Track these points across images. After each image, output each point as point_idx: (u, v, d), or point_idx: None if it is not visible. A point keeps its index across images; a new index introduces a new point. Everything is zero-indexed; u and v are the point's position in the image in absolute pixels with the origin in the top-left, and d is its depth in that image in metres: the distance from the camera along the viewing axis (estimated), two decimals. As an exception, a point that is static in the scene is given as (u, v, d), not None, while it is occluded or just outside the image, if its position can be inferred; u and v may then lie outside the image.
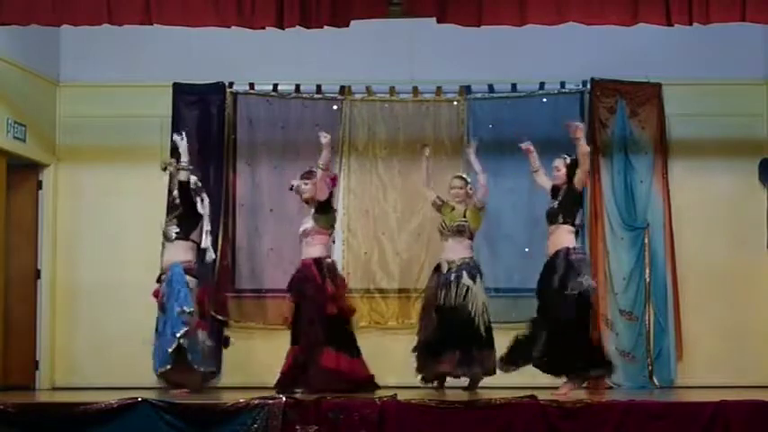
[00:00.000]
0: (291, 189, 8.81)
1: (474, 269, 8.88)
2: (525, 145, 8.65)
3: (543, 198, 8.68)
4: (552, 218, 8.35)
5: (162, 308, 8.59)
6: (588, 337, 8.31)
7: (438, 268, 8.91)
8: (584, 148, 8.25)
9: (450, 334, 8.68)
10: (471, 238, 8.94)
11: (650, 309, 9.85)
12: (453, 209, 8.93)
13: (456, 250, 8.86)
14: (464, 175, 9.12)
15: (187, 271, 8.62)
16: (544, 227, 9.49)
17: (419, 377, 8.90)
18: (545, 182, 8.57)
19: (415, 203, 9.62)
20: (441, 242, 8.96)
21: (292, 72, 10.09)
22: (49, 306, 9.92)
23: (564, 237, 8.28)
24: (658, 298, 9.85)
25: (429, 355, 8.76)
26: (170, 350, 8.41)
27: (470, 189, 8.96)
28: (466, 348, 8.70)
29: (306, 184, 8.73)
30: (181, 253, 8.70)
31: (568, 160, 8.37)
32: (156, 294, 8.66)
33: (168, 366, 8.46)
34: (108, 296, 9.80)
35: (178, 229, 8.69)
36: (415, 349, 8.90)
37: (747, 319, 9.85)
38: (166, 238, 8.70)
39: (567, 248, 8.23)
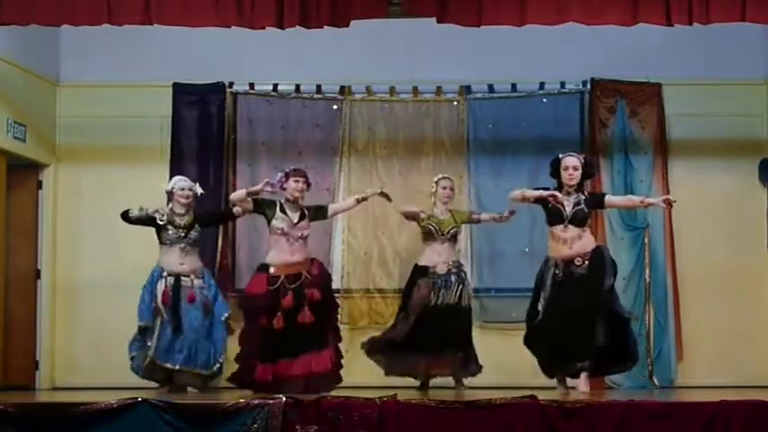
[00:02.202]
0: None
1: (464, 271, 8.96)
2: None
3: (542, 197, 8.65)
4: (583, 222, 8.11)
5: (207, 312, 8.68)
6: None
7: (425, 270, 8.80)
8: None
9: (450, 335, 8.67)
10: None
11: (650, 309, 9.86)
12: (431, 213, 8.88)
13: (451, 253, 8.89)
14: (450, 177, 9.12)
15: None
16: (543, 227, 9.52)
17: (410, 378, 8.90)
18: (531, 194, 8.21)
19: (414, 203, 9.59)
20: (427, 244, 8.87)
21: (292, 72, 10.10)
22: (49, 306, 9.93)
23: (590, 238, 8.19)
24: (658, 298, 9.85)
25: (414, 354, 8.70)
26: (220, 353, 8.67)
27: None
28: (467, 349, 8.73)
29: (305, 183, 8.64)
30: (199, 259, 8.86)
31: (582, 159, 8.21)
32: (192, 299, 8.63)
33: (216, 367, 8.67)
34: (108, 296, 9.80)
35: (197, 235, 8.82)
36: (384, 346, 8.81)
37: (747, 319, 9.86)
38: (193, 243, 8.75)
39: (600, 246, 8.22)
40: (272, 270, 8.37)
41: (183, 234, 8.67)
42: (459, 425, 6.85)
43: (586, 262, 8.01)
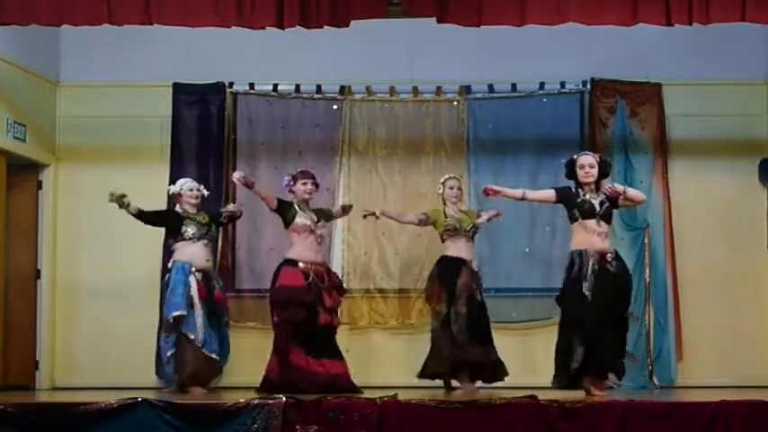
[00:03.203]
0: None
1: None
2: (489, 188, 8.28)
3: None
4: (610, 219, 8.05)
5: (222, 310, 8.78)
6: None
7: (463, 261, 8.74)
8: (639, 196, 8.20)
9: (487, 333, 8.70)
10: None
11: (650, 309, 9.85)
12: (445, 212, 8.86)
13: (473, 252, 8.88)
14: (457, 176, 9.11)
15: None
16: (543, 227, 9.54)
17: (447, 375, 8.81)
18: (542, 195, 8.21)
19: (415, 203, 9.61)
20: (452, 241, 8.81)
21: (292, 72, 10.09)
22: (49, 306, 9.92)
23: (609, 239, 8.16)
24: (658, 298, 9.85)
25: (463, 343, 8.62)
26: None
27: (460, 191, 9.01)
28: (496, 354, 8.75)
29: (313, 184, 8.73)
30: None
31: (598, 157, 8.16)
32: (220, 299, 8.74)
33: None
34: (108, 296, 9.80)
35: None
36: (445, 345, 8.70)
37: (747, 319, 9.85)
38: (213, 241, 8.82)
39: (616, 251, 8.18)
40: (301, 265, 8.45)
41: (205, 231, 8.73)
42: (459, 425, 6.86)
43: (615, 261, 7.95)
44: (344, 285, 9.49)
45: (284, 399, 6.91)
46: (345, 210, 9.08)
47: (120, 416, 6.91)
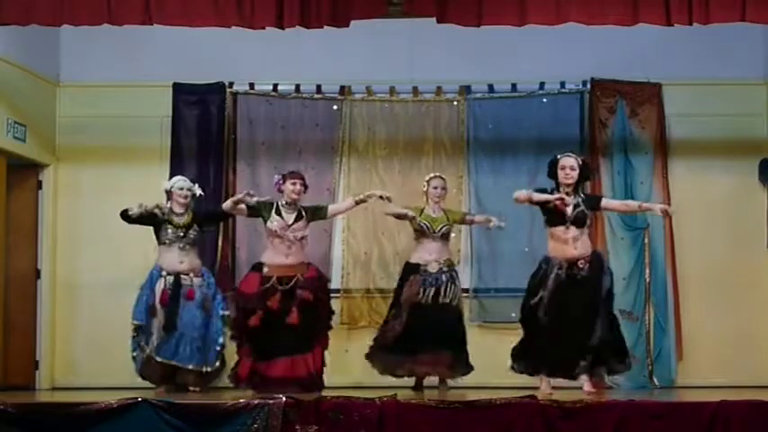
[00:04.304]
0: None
1: (455, 271, 8.95)
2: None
3: (543, 197, 8.63)
4: (584, 223, 8.10)
5: (206, 309, 8.67)
6: None
7: (417, 267, 8.78)
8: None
9: (438, 334, 8.64)
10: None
11: (650, 309, 9.86)
12: (422, 212, 8.86)
13: (443, 251, 8.87)
14: (443, 176, 9.11)
15: None
16: (543, 227, 9.51)
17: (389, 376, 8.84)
18: (523, 197, 8.18)
19: (414, 203, 9.60)
20: (419, 242, 8.85)
21: (292, 72, 10.09)
22: (49, 306, 9.92)
23: (588, 241, 8.19)
24: (658, 298, 9.85)
25: (405, 353, 8.68)
26: (219, 349, 8.67)
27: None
28: (456, 349, 8.72)
29: (302, 185, 8.67)
30: (198, 258, 8.88)
31: (580, 160, 8.21)
32: (191, 295, 8.63)
33: (217, 364, 8.66)
34: (108, 296, 9.79)
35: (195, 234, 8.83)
36: (381, 347, 8.79)
37: (747, 318, 9.85)
38: (192, 243, 8.76)
39: (597, 251, 8.27)
40: (265, 270, 8.45)
41: (181, 234, 8.68)
42: (459, 425, 6.87)
43: (587, 264, 8.02)
44: (343, 284, 9.50)
45: (284, 399, 6.91)
46: (359, 203, 8.92)
47: (120, 416, 6.91)
